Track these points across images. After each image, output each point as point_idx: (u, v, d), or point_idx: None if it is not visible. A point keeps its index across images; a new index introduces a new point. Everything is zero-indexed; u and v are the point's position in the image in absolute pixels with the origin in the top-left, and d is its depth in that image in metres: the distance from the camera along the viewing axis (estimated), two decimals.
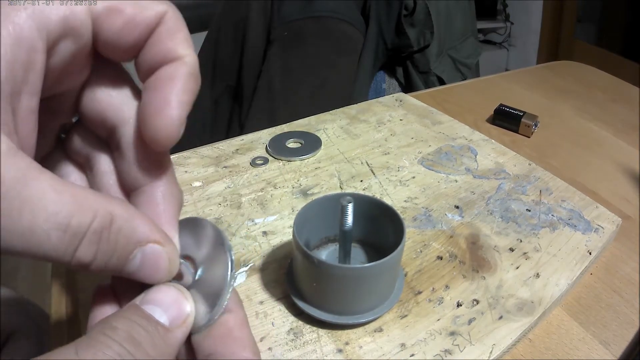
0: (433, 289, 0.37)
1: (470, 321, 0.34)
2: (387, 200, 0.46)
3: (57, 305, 0.39)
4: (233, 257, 0.23)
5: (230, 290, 0.22)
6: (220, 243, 0.23)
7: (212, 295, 0.22)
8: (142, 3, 0.20)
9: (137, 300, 0.21)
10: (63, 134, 0.25)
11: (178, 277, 0.24)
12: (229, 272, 0.22)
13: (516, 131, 0.63)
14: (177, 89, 0.21)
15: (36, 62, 0.18)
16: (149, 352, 0.19)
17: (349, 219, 0.33)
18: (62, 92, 0.22)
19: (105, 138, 0.23)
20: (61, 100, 0.23)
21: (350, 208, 0.33)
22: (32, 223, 0.17)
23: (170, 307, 0.21)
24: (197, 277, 0.23)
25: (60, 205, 0.17)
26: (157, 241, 0.21)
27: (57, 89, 0.21)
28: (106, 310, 0.23)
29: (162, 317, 0.21)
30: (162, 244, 0.21)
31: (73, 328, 0.37)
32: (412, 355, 0.32)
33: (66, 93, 0.22)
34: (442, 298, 0.36)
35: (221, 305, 0.22)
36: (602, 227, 0.43)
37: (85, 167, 0.25)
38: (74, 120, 0.25)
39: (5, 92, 0.17)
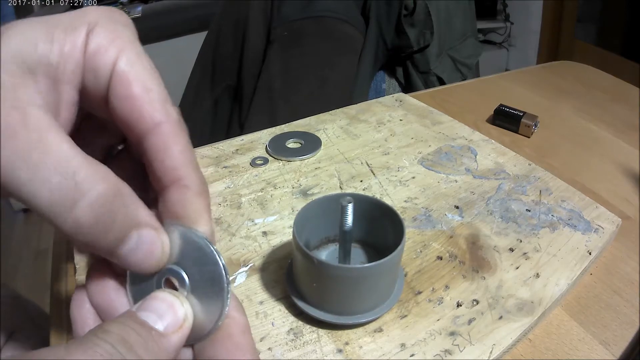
0: (433, 289, 0.37)
1: (470, 321, 0.34)
2: (387, 201, 0.46)
3: (57, 305, 0.39)
4: (226, 267, 0.22)
5: (229, 298, 0.22)
6: (209, 251, 0.23)
7: (210, 304, 0.22)
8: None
9: (134, 307, 0.21)
10: (112, 153, 0.27)
11: (174, 287, 0.24)
12: (225, 280, 0.22)
13: (516, 131, 0.63)
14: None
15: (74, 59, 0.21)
16: (141, 355, 0.19)
17: (349, 219, 0.33)
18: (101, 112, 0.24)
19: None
20: (110, 123, 0.25)
21: (350, 208, 0.33)
22: (40, 161, 0.18)
23: (166, 313, 0.21)
24: (190, 285, 0.23)
25: (71, 158, 0.19)
26: (155, 228, 0.22)
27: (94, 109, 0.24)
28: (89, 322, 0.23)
29: (157, 324, 0.21)
30: (159, 232, 0.22)
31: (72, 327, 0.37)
32: (412, 355, 0.32)
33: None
34: (442, 298, 0.36)
35: (222, 315, 0.22)
36: (602, 227, 0.43)
37: None
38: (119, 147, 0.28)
39: (49, 78, 0.20)
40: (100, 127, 0.26)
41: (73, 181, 0.19)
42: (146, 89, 0.22)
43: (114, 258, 0.21)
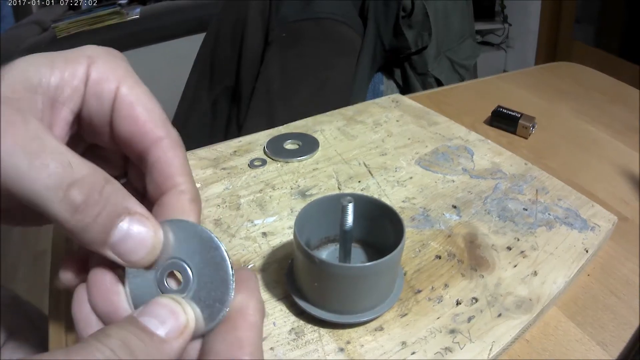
0: (432, 287, 0.37)
1: (469, 319, 0.34)
2: (385, 201, 0.46)
3: (56, 306, 0.39)
4: (227, 252, 0.23)
5: (233, 285, 0.22)
6: (210, 241, 0.23)
7: (215, 294, 0.22)
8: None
9: (135, 313, 0.21)
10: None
11: (177, 282, 0.24)
12: (229, 268, 0.22)
13: (514, 133, 0.63)
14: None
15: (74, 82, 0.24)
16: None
17: (349, 219, 0.33)
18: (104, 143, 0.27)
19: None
20: (109, 154, 0.29)
21: (350, 208, 0.33)
22: (39, 149, 0.20)
23: (167, 319, 0.21)
24: (194, 278, 0.23)
25: (66, 151, 0.21)
26: (146, 216, 0.23)
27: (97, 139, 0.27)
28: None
29: (159, 329, 0.21)
30: (151, 221, 0.23)
31: (71, 329, 0.37)
32: (413, 353, 0.32)
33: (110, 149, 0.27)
34: (442, 296, 0.36)
35: (227, 303, 0.22)
36: (599, 226, 0.43)
37: None
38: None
39: (47, 97, 0.23)
40: (103, 159, 0.29)
41: (70, 167, 0.20)
42: (148, 110, 0.25)
43: (106, 249, 0.22)
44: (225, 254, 0.23)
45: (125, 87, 0.25)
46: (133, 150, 0.26)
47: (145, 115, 0.25)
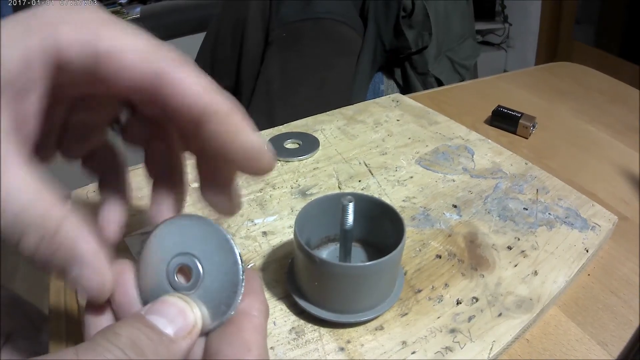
0: (433, 287, 0.37)
1: (470, 318, 0.34)
2: (386, 200, 0.46)
3: (56, 305, 0.39)
4: (241, 257, 0.23)
5: (242, 290, 0.22)
6: (225, 242, 0.23)
7: (222, 295, 0.22)
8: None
9: (143, 310, 0.21)
10: (115, 126, 0.28)
11: (186, 277, 0.24)
12: (240, 272, 0.22)
13: (514, 132, 0.63)
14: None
15: (37, 71, 0.20)
16: None
17: (350, 218, 0.33)
18: (98, 93, 0.24)
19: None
20: (105, 98, 0.26)
21: (351, 207, 0.33)
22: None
23: (176, 318, 0.21)
24: (204, 276, 0.23)
25: (21, 194, 0.19)
26: (93, 265, 0.21)
27: (89, 90, 0.23)
28: (101, 320, 0.23)
29: (167, 328, 0.21)
30: (97, 268, 0.22)
31: (71, 329, 0.37)
32: (414, 352, 0.32)
33: (106, 92, 0.23)
34: (442, 296, 0.36)
35: (234, 306, 0.22)
36: (599, 225, 0.43)
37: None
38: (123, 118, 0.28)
39: (7, 95, 0.19)
40: (98, 105, 0.26)
41: (20, 219, 0.19)
42: (135, 50, 0.21)
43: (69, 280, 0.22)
44: (238, 258, 0.23)
45: (106, 44, 0.21)
46: (139, 94, 0.22)
47: (135, 57, 0.21)
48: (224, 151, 0.23)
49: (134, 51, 0.21)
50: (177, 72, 0.22)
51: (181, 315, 0.21)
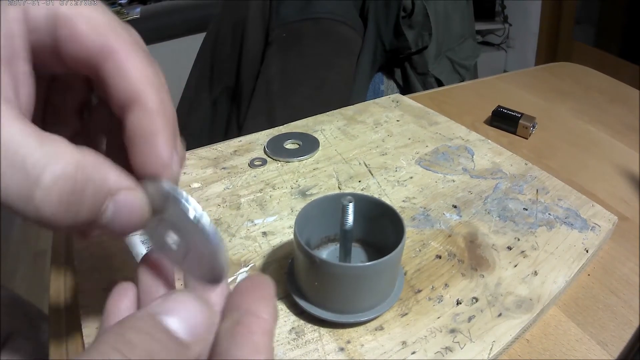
0: (433, 287, 0.37)
1: (470, 319, 0.34)
2: (386, 201, 0.46)
3: (55, 305, 0.39)
4: (207, 218, 0.22)
5: (219, 239, 0.22)
6: (178, 198, 0.22)
7: (205, 252, 0.22)
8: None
9: (154, 307, 0.20)
10: (85, 113, 0.28)
11: (167, 250, 0.23)
12: (214, 235, 0.22)
13: (514, 133, 0.63)
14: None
15: (19, 35, 0.20)
16: None
17: (350, 219, 0.34)
18: (70, 70, 0.23)
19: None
20: (73, 79, 0.26)
21: (351, 207, 0.33)
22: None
23: (189, 319, 0.20)
24: (180, 243, 0.23)
25: (20, 143, 0.18)
26: (128, 187, 0.21)
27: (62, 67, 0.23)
28: (122, 309, 0.23)
29: (180, 330, 0.19)
30: (134, 189, 0.21)
31: (71, 329, 0.37)
32: (414, 352, 0.32)
33: (76, 72, 0.23)
34: (442, 296, 0.36)
35: (223, 268, 0.22)
36: (599, 225, 0.43)
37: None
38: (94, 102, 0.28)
39: (5, 57, 0.19)
40: (67, 87, 0.26)
41: (24, 170, 0.18)
42: (89, 20, 0.21)
43: (98, 230, 0.21)
44: (191, 210, 0.22)
45: (65, 8, 0.21)
46: (90, 74, 0.22)
47: (86, 28, 0.21)
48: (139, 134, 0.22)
49: (89, 20, 0.21)
50: (121, 52, 0.22)
51: (195, 317, 0.20)
